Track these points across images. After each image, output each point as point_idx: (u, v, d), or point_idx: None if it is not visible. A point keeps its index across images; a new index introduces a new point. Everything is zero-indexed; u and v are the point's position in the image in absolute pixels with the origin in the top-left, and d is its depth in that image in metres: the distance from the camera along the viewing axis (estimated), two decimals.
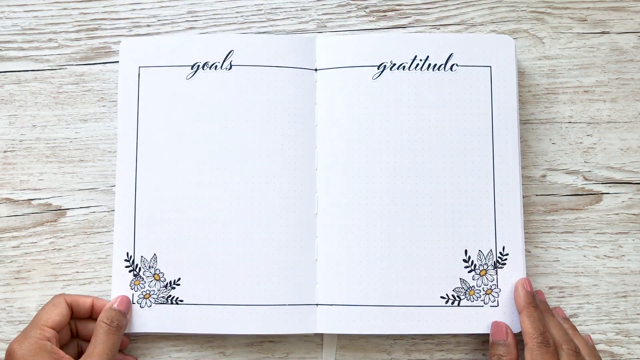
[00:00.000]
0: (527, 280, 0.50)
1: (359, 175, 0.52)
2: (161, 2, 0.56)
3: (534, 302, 0.49)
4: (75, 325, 0.50)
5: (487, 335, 0.51)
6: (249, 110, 0.53)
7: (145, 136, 0.53)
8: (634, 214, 0.54)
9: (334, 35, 0.55)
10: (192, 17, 0.56)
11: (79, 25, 0.56)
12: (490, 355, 0.49)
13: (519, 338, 0.49)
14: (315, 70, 0.53)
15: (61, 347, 0.48)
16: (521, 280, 0.50)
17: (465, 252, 0.51)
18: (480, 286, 0.51)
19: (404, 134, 0.52)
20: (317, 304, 0.51)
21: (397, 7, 0.56)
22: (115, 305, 0.49)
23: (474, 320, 0.50)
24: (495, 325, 0.50)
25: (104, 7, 0.56)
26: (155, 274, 0.51)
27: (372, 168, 0.52)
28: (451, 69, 0.53)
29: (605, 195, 0.54)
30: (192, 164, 0.52)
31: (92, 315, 0.50)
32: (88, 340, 0.48)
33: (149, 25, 0.56)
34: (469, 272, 0.51)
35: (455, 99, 0.52)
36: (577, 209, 0.54)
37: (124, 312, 0.49)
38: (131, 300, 0.51)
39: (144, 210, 0.52)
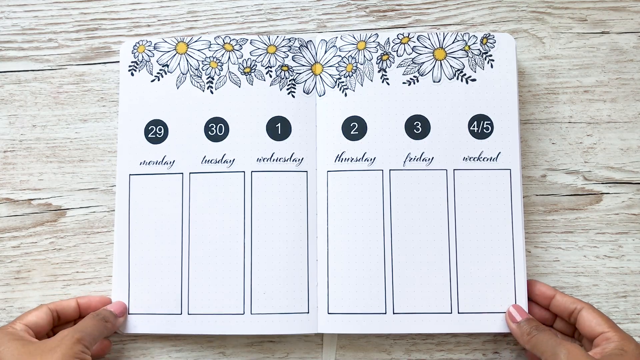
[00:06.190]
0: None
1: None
2: (161, 2, 0.56)
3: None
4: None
5: (488, 334, 0.52)
6: None
7: None
8: (634, 214, 0.54)
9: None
10: (192, 17, 0.56)
11: (79, 25, 0.56)
12: (521, 334, 0.47)
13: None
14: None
15: None
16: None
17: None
18: None
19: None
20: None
21: (397, 7, 0.56)
22: (107, 307, 0.49)
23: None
24: (511, 309, 0.49)
25: (104, 7, 0.56)
26: None
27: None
28: None
29: (605, 195, 0.54)
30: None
31: (80, 315, 0.50)
32: None
33: (149, 25, 0.56)
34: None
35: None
36: (577, 209, 0.54)
37: (116, 313, 0.49)
38: (128, 308, 0.50)
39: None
